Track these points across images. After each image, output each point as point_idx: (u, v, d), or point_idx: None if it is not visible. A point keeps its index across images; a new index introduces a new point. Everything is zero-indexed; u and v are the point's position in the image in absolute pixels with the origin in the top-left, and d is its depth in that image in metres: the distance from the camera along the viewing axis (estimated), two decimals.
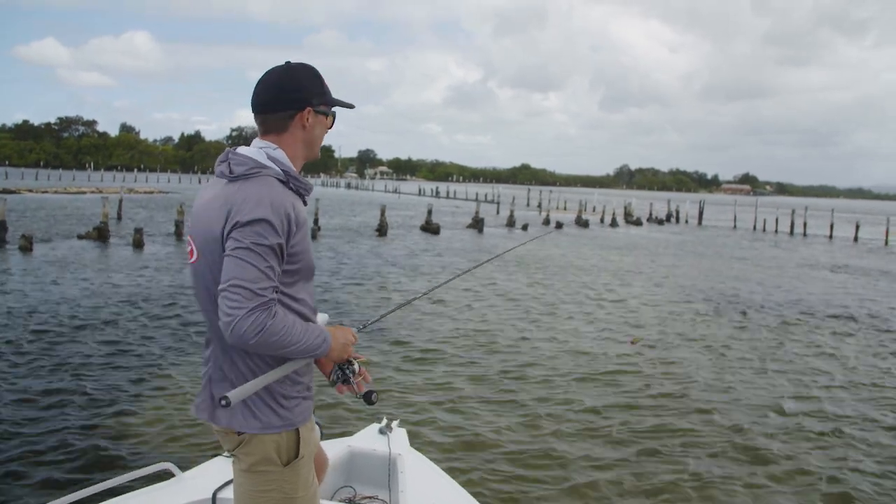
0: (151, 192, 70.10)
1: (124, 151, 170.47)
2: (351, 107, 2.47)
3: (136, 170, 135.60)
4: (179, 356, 9.86)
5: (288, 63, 2.35)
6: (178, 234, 27.75)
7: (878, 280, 23.86)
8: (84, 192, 61.62)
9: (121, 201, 36.35)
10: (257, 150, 2.26)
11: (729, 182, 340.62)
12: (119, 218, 34.07)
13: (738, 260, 29.05)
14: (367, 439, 3.91)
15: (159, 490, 3.20)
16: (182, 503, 3.07)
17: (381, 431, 3.97)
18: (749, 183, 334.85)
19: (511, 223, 43.45)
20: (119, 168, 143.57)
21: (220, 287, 2.06)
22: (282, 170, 2.24)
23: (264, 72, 2.34)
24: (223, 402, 2.03)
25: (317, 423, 2.56)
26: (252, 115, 2.34)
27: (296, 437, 2.30)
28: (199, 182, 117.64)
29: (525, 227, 41.36)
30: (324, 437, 3.79)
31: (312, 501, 2.41)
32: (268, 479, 2.27)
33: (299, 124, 2.31)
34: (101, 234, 25.47)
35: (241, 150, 2.29)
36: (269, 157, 2.25)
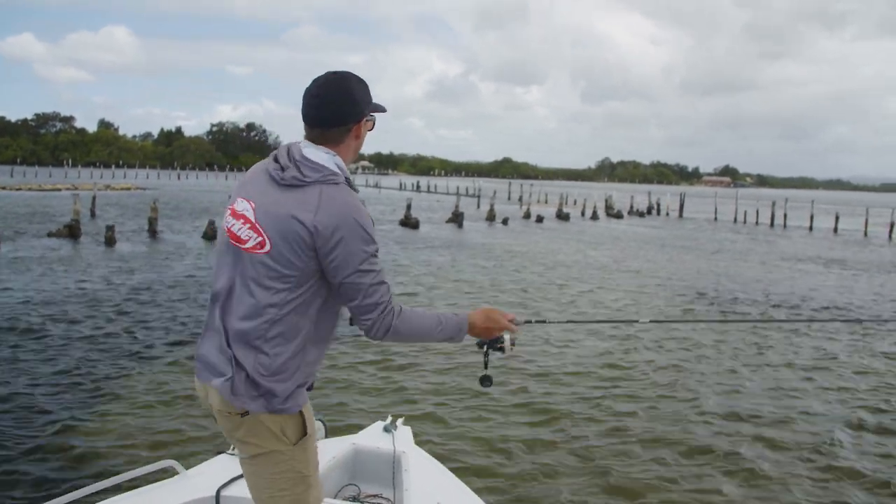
0: (129, 189, 69.39)
1: (103, 148, 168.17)
2: (384, 110, 2.52)
3: (113, 166, 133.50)
4: (169, 352, 9.70)
5: (337, 74, 2.41)
6: (153, 232, 27.35)
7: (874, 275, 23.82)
8: (59, 189, 60.70)
9: (94, 198, 35.68)
10: (328, 157, 2.35)
11: (710, 174, 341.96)
12: (93, 215, 33.49)
13: (718, 253, 29.00)
14: (372, 437, 3.91)
15: (163, 487, 3.19)
16: (186, 500, 3.06)
17: (386, 429, 3.97)
18: (729, 175, 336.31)
19: (491, 217, 43.21)
20: (97, 164, 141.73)
21: (355, 305, 2.30)
22: (345, 177, 2.36)
23: (315, 83, 2.39)
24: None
25: (321, 420, 2.55)
26: (306, 126, 2.40)
27: (300, 416, 2.36)
28: (179, 178, 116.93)
29: (505, 222, 41.12)
30: (328, 434, 3.84)
31: (318, 483, 2.49)
32: (279, 460, 2.33)
33: (354, 135, 2.41)
34: (72, 232, 24.99)
35: (311, 155, 2.33)
36: (337, 165, 2.36)
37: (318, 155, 2.33)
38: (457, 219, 39.01)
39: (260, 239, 2.28)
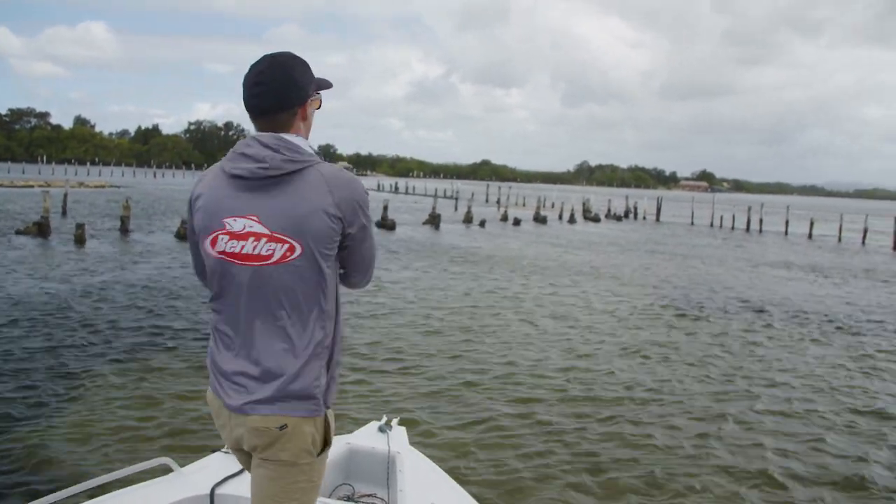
0: (103, 186, 68.56)
1: (78, 144, 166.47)
2: (330, 85, 2.45)
3: (88, 164, 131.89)
4: (155, 351, 9.44)
5: (276, 58, 2.30)
6: (124, 231, 26.96)
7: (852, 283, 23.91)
8: (32, 186, 59.78)
9: (66, 195, 35.12)
10: (302, 140, 2.31)
11: (687, 179, 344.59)
12: (64, 213, 32.96)
13: (694, 258, 29.05)
14: (367, 437, 3.91)
15: (157, 485, 3.17)
16: (180, 498, 3.04)
17: (381, 429, 3.97)
18: (706, 180, 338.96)
19: (468, 219, 43.08)
20: (72, 162, 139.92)
21: (364, 269, 2.44)
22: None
23: (254, 71, 2.28)
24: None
25: None
26: (251, 116, 2.31)
27: (325, 424, 2.35)
28: (155, 177, 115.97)
29: (482, 224, 41.01)
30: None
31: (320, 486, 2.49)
32: (301, 471, 2.31)
33: (301, 118, 2.33)
34: (41, 230, 24.54)
35: (289, 139, 2.26)
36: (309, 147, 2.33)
37: (295, 137, 2.28)
38: (434, 221, 38.85)
39: (287, 245, 2.20)
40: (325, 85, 2.44)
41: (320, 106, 2.45)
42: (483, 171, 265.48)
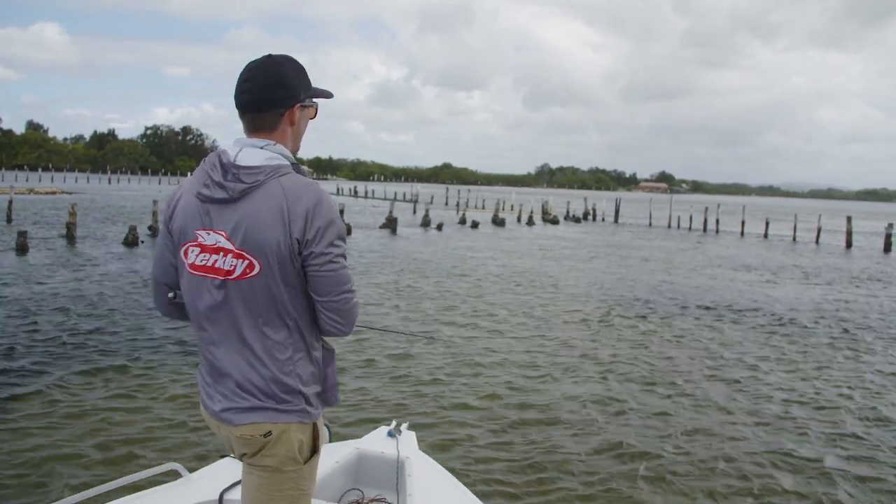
0: (54, 193, 67.14)
1: (31, 150, 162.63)
2: (330, 95, 2.44)
3: (40, 169, 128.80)
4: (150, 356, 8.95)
5: (271, 57, 2.30)
6: (71, 238, 26.16)
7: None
8: None
9: (10, 202, 34.14)
10: (263, 155, 2.22)
11: (647, 180, 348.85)
12: (9, 220, 32.06)
13: (646, 261, 29.07)
14: (376, 442, 3.91)
15: (166, 490, 3.17)
16: None
17: (390, 434, 3.97)
18: (666, 181, 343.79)
19: (426, 223, 42.80)
20: (24, 167, 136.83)
21: (333, 298, 2.26)
22: (291, 163, 2.27)
23: (247, 67, 2.29)
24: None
25: (326, 425, 2.54)
26: (240, 113, 2.30)
27: (313, 433, 2.35)
28: (110, 182, 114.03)
29: (440, 227, 40.80)
30: (332, 438, 3.64)
31: (311, 496, 2.48)
32: (287, 478, 2.32)
33: (288, 121, 2.31)
34: None
35: (244, 161, 2.20)
36: (279, 154, 2.25)
37: (253, 157, 2.21)
38: (391, 224, 38.49)
39: (247, 262, 2.19)
40: (325, 94, 2.43)
41: (315, 115, 2.44)
42: (444, 175, 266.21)
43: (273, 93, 2.25)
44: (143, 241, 25.79)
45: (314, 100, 2.42)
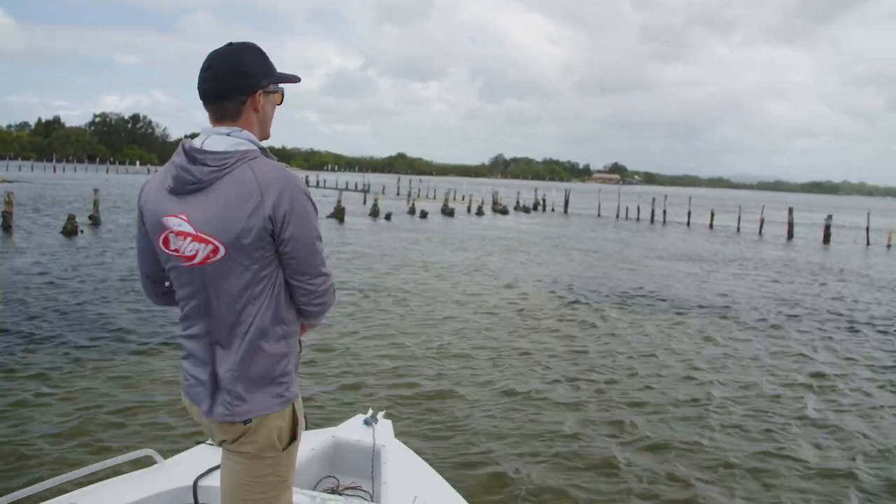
0: None
1: None
2: (297, 80, 2.43)
3: None
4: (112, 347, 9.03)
5: (231, 45, 2.29)
6: (6, 227, 25.53)
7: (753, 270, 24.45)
8: None
9: None
10: (229, 141, 2.22)
11: (600, 171, 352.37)
12: None
13: (587, 252, 29.37)
14: (352, 430, 3.92)
15: (141, 476, 3.18)
16: (163, 490, 3.06)
17: (367, 422, 3.98)
18: (619, 172, 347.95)
19: (375, 213, 42.64)
20: None
21: (309, 280, 2.29)
22: (260, 149, 2.26)
23: (207, 57, 2.27)
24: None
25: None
26: (204, 103, 2.28)
27: (292, 420, 2.36)
28: (55, 171, 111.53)
29: (388, 217, 40.75)
30: (308, 426, 3.61)
31: (291, 482, 2.49)
32: (266, 464, 2.34)
33: (251, 108, 2.29)
34: None
35: (210, 146, 2.21)
36: (245, 139, 2.24)
37: (218, 143, 2.22)
38: (339, 214, 38.30)
39: (211, 246, 2.20)
40: (291, 79, 2.41)
41: (282, 101, 2.42)
42: (399, 165, 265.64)
43: (233, 81, 2.24)
44: (82, 231, 25.29)
45: (280, 85, 2.40)
